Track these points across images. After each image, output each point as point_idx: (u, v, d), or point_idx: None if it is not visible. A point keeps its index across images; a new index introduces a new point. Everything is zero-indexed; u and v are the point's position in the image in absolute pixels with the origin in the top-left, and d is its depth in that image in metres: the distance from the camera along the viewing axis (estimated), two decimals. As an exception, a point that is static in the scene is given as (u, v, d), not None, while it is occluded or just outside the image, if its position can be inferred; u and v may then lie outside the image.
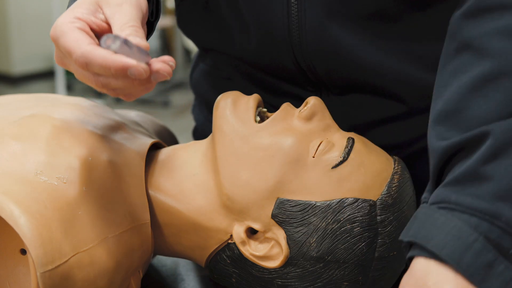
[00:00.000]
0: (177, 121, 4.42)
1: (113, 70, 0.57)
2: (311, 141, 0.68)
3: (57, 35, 0.60)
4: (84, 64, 0.58)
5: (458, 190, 0.54)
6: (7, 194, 0.61)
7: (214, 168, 0.69)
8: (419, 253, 0.55)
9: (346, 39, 0.75)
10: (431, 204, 0.56)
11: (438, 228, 0.53)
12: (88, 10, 0.62)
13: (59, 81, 4.35)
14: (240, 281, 0.70)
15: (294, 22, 0.75)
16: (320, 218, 0.65)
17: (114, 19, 0.61)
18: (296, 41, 0.76)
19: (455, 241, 0.52)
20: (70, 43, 0.59)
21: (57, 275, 0.60)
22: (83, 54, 0.57)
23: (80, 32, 0.59)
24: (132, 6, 0.62)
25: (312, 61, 0.77)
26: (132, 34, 0.59)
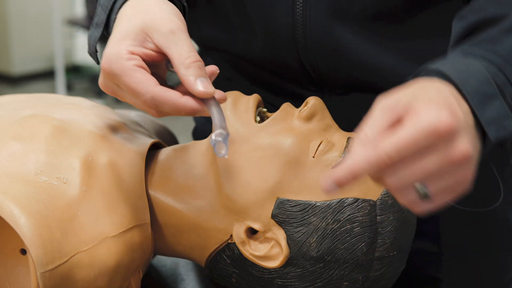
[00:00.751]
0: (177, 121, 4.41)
1: (183, 113, 0.60)
2: (311, 141, 0.68)
3: (114, 72, 0.60)
4: (153, 105, 0.60)
5: (476, 44, 0.60)
6: (7, 194, 0.61)
7: (214, 168, 0.69)
8: (425, 74, 0.58)
9: (349, 39, 0.75)
10: (452, 53, 0.61)
11: (450, 59, 0.58)
12: (136, 42, 0.62)
13: (59, 81, 4.35)
14: (240, 281, 0.70)
15: (298, 20, 0.75)
16: (320, 218, 0.65)
17: (172, 52, 0.61)
18: (300, 39, 0.76)
19: (464, 69, 0.56)
20: (136, 84, 0.60)
21: (57, 275, 0.60)
22: (153, 97, 0.60)
23: (142, 72, 0.60)
24: (184, 32, 0.62)
25: (316, 60, 0.77)
26: (200, 75, 0.60)
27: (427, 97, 0.52)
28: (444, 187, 0.51)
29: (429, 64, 0.58)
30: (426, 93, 0.53)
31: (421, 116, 0.49)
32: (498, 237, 0.90)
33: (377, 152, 0.49)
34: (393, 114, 0.51)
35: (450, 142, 0.50)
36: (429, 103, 0.51)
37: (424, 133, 0.49)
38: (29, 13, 5.60)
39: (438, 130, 0.49)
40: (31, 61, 5.70)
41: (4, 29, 5.54)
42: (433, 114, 0.49)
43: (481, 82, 0.55)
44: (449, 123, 0.49)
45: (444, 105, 0.51)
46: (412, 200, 0.52)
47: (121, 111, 0.88)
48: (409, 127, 0.49)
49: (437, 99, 0.52)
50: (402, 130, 0.49)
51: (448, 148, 0.50)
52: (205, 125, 0.98)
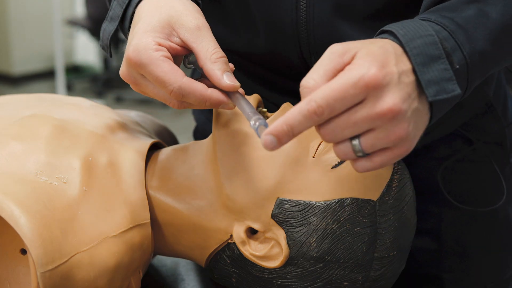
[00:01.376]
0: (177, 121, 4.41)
1: (208, 104, 0.63)
2: (310, 141, 0.68)
3: (143, 62, 0.62)
4: (180, 96, 0.62)
5: (435, 11, 0.62)
6: (7, 194, 0.61)
7: (214, 168, 0.69)
8: (379, 36, 0.60)
9: (353, 36, 0.75)
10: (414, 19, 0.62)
11: (405, 23, 0.59)
12: (163, 35, 0.64)
13: (59, 81, 4.35)
14: (240, 281, 0.70)
15: (302, 17, 0.75)
16: (320, 218, 0.65)
17: (199, 47, 0.64)
18: (303, 36, 0.76)
19: (413, 31, 0.58)
20: (164, 74, 0.62)
21: (57, 275, 0.60)
22: (181, 87, 0.62)
23: (170, 63, 0.63)
24: (209, 29, 0.65)
25: (318, 56, 0.77)
26: (226, 70, 0.63)
27: (369, 52, 0.54)
28: (377, 143, 0.53)
29: (386, 26, 0.61)
30: (370, 47, 0.55)
31: (353, 68, 0.52)
32: (499, 235, 0.90)
33: (308, 101, 0.52)
34: (340, 60, 0.54)
35: (378, 96, 0.52)
36: (365, 57, 0.53)
37: (352, 84, 0.52)
38: (29, 13, 5.60)
39: (366, 83, 0.52)
40: (31, 61, 5.71)
41: (4, 29, 5.54)
42: (364, 67, 0.52)
43: (427, 44, 0.57)
44: (376, 77, 0.52)
45: (378, 60, 0.53)
46: (348, 154, 0.55)
47: (121, 111, 0.88)
48: (339, 78, 0.52)
49: (376, 54, 0.54)
50: (333, 81, 0.52)
51: (376, 102, 0.52)
52: (206, 125, 0.98)
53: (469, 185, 0.87)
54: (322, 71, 0.54)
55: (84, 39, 5.87)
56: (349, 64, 0.54)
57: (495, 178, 0.87)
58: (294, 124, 0.53)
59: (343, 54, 0.55)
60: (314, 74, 0.54)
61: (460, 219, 0.87)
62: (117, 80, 5.57)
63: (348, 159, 0.55)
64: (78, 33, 5.71)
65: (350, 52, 0.55)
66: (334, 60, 0.55)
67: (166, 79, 0.62)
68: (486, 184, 0.87)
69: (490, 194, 0.87)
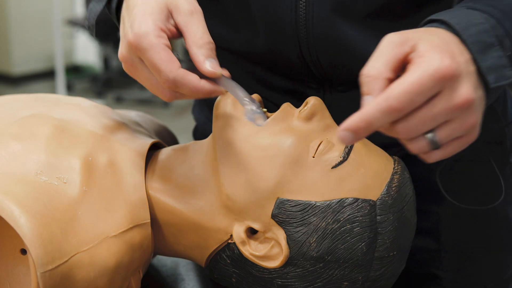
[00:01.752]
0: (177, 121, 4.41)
1: (200, 95, 0.63)
2: (311, 141, 0.68)
3: (143, 46, 0.62)
4: (173, 86, 0.62)
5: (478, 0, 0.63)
6: (7, 194, 0.61)
7: (214, 168, 0.69)
8: (430, 25, 0.61)
9: (352, 35, 0.75)
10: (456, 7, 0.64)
11: (454, 11, 0.61)
12: (162, 17, 0.65)
13: (59, 81, 4.35)
14: (240, 281, 0.70)
15: (301, 16, 0.75)
16: (320, 218, 0.65)
17: (188, 31, 0.65)
18: (302, 35, 0.76)
19: (466, 19, 0.59)
20: (162, 62, 0.62)
21: (57, 275, 0.60)
22: (175, 78, 0.62)
23: (169, 52, 0.63)
24: (201, 15, 0.66)
25: (318, 56, 0.78)
26: (210, 56, 0.64)
27: (431, 43, 0.54)
28: (452, 134, 0.54)
29: (433, 15, 0.61)
30: (430, 38, 0.55)
31: (425, 61, 0.52)
32: (498, 235, 0.90)
33: (386, 98, 0.51)
34: (400, 50, 0.55)
35: (454, 87, 0.52)
36: (433, 49, 0.53)
37: (429, 77, 0.51)
38: (29, 13, 5.60)
39: (442, 74, 0.52)
40: (31, 61, 5.71)
41: (4, 29, 5.54)
42: (436, 58, 0.52)
43: (481, 32, 0.58)
44: (452, 68, 0.52)
45: (446, 52, 0.53)
46: (423, 149, 0.54)
47: (121, 111, 0.88)
48: (415, 72, 0.52)
49: (440, 45, 0.54)
50: (408, 75, 0.52)
51: (452, 93, 0.52)
52: (205, 125, 0.98)
53: (468, 184, 0.87)
54: (383, 60, 0.54)
55: (84, 39, 5.87)
56: (409, 54, 0.54)
57: (494, 177, 0.87)
58: (373, 121, 0.52)
59: (402, 43, 0.55)
60: (376, 63, 0.54)
61: (460, 219, 0.87)
62: (117, 80, 5.57)
63: (422, 153, 0.55)
64: (78, 33, 5.71)
65: (409, 42, 0.55)
66: (394, 49, 0.55)
67: (162, 67, 0.62)
68: (486, 184, 0.87)
69: (490, 194, 0.87)
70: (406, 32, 0.57)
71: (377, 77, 0.53)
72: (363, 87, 0.54)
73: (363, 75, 0.54)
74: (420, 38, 0.55)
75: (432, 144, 0.54)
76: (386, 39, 0.56)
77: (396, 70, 0.55)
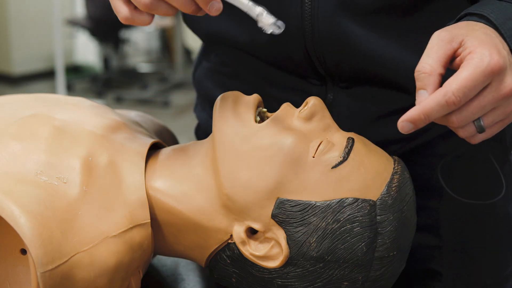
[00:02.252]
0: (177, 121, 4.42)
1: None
2: (311, 141, 0.68)
3: None
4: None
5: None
6: (7, 194, 0.61)
7: (214, 168, 0.69)
8: (468, 18, 0.65)
9: (357, 31, 0.76)
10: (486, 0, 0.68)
11: (490, 5, 0.65)
12: None
13: (59, 81, 4.35)
14: (240, 281, 0.70)
15: (307, 11, 0.76)
16: (320, 218, 0.65)
17: None
18: (308, 31, 0.77)
19: (503, 13, 0.64)
20: None
21: (57, 275, 0.60)
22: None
23: None
24: None
25: (323, 52, 0.78)
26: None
27: (478, 38, 0.60)
28: (497, 119, 0.61)
29: (470, 9, 0.66)
30: (475, 34, 0.61)
31: (476, 57, 0.58)
32: (499, 232, 0.90)
33: (445, 93, 0.58)
34: (450, 46, 0.61)
35: (501, 79, 0.59)
36: (481, 45, 0.59)
37: (482, 73, 0.58)
38: (29, 13, 5.60)
39: (493, 69, 0.58)
40: (31, 61, 5.71)
41: (4, 29, 5.54)
42: (486, 55, 0.58)
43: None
44: (501, 63, 0.58)
45: (493, 47, 0.59)
46: (471, 133, 0.61)
47: (121, 111, 0.88)
48: (468, 68, 0.58)
49: (487, 41, 0.60)
50: (463, 71, 0.58)
51: (500, 85, 0.59)
52: (208, 123, 0.98)
53: (468, 181, 0.87)
54: (435, 57, 0.60)
55: (84, 39, 5.88)
56: (458, 49, 0.61)
57: (494, 174, 0.87)
58: (431, 113, 0.59)
59: (451, 40, 0.61)
60: (429, 60, 0.60)
61: (461, 216, 0.87)
62: (117, 80, 5.58)
63: (468, 138, 0.62)
64: (78, 33, 5.71)
65: (457, 38, 0.61)
66: (444, 46, 0.61)
67: None
68: (486, 181, 0.88)
69: (490, 190, 0.87)
70: (452, 28, 0.63)
71: (431, 73, 0.60)
72: (418, 82, 0.60)
73: (418, 71, 0.60)
74: (466, 34, 0.61)
75: (479, 129, 0.61)
76: (435, 36, 0.62)
77: (447, 65, 0.61)
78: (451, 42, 0.61)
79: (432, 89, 0.60)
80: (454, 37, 0.61)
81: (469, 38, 0.61)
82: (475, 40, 0.60)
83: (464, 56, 0.60)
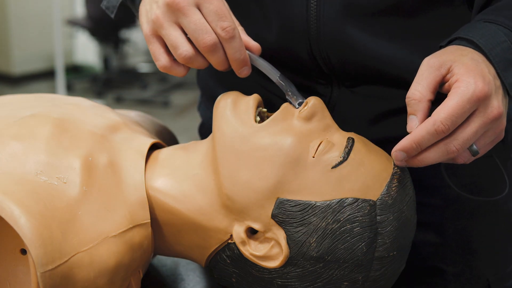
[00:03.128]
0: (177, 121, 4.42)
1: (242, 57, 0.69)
2: (311, 141, 0.68)
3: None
4: (231, 34, 0.67)
5: (495, 11, 0.70)
6: (7, 194, 0.61)
7: (214, 168, 0.69)
8: (458, 42, 0.68)
9: (361, 33, 0.76)
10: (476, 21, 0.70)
11: (479, 30, 0.68)
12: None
13: (59, 81, 4.35)
14: (240, 281, 0.70)
15: (312, 13, 0.76)
16: (320, 218, 0.65)
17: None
18: (313, 32, 0.77)
19: (491, 39, 0.67)
20: (226, 8, 0.68)
21: (57, 275, 0.60)
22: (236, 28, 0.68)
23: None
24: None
25: (327, 52, 0.78)
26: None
27: (465, 65, 0.64)
28: (487, 140, 0.65)
29: (459, 33, 0.69)
30: (463, 60, 0.65)
31: (462, 86, 0.62)
32: (502, 230, 0.90)
33: (433, 122, 0.61)
34: (438, 73, 0.64)
35: (487, 104, 0.62)
36: (467, 73, 0.63)
37: (468, 101, 0.61)
38: (29, 13, 5.60)
39: (478, 97, 0.61)
40: (31, 61, 5.71)
41: (4, 29, 5.54)
42: (471, 83, 0.62)
43: (504, 50, 0.66)
44: (485, 90, 0.62)
45: (479, 74, 0.63)
46: (467, 159, 0.65)
47: (121, 111, 0.88)
48: (455, 97, 0.62)
49: (473, 68, 0.63)
50: (450, 100, 0.62)
51: (486, 110, 0.63)
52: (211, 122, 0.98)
53: (472, 179, 0.87)
54: (425, 83, 0.64)
55: (84, 39, 5.87)
56: (446, 75, 0.65)
57: (497, 172, 0.87)
58: (422, 141, 0.62)
59: (440, 66, 0.65)
60: (419, 87, 0.64)
61: (464, 213, 0.87)
62: (117, 80, 5.58)
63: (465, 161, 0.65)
64: (78, 33, 5.71)
65: (445, 65, 0.65)
66: (433, 73, 0.64)
67: (226, 13, 0.67)
68: (489, 178, 0.88)
69: (493, 188, 0.87)
70: (441, 53, 0.66)
71: (421, 100, 0.64)
72: (408, 107, 0.64)
73: (408, 97, 0.64)
74: (454, 60, 0.65)
75: (473, 152, 0.64)
76: (424, 63, 0.65)
77: (436, 90, 0.65)
78: (440, 69, 0.64)
79: (422, 115, 0.64)
80: (443, 64, 0.65)
81: (456, 64, 0.64)
82: (462, 67, 0.64)
83: (452, 83, 0.63)
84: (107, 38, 5.39)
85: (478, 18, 0.71)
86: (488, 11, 0.71)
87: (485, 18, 0.70)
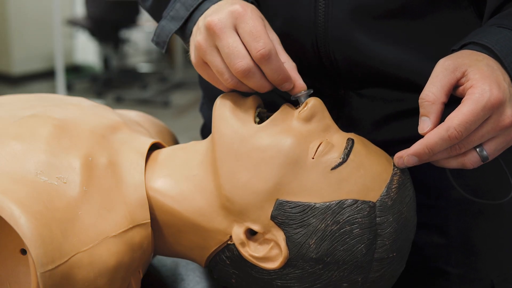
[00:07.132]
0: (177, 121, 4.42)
1: (281, 76, 0.67)
2: (310, 142, 0.68)
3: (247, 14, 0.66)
4: (266, 56, 0.65)
5: (510, 17, 0.70)
6: (8, 194, 0.61)
7: (213, 169, 0.69)
8: (472, 47, 0.68)
9: (369, 36, 0.76)
10: (490, 25, 0.70)
11: (493, 35, 0.68)
12: None
13: (59, 81, 4.35)
14: (240, 281, 0.70)
15: (320, 14, 0.76)
16: (320, 220, 0.65)
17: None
18: (321, 34, 0.77)
19: (505, 44, 0.66)
20: (262, 28, 0.66)
21: (57, 275, 0.60)
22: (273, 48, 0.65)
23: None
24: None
25: (334, 55, 0.78)
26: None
27: (480, 71, 0.64)
28: (498, 147, 0.65)
29: (473, 37, 0.69)
30: (478, 65, 0.64)
31: (477, 92, 0.62)
32: (506, 231, 0.90)
33: (447, 128, 0.62)
34: (453, 76, 0.64)
35: (500, 112, 0.62)
36: (482, 79, 0.63)
37: (482, 108, 0.61)
38: (29, 13, 5.60)
39: (493, 104, 0.61)
40: (31, 61, 5.71)
41: (4, 29, 5.54)
42: (486, 90, 0.62)
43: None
44: (500, 97, 0.62)
45: (494, 81, 0.63)
46: (477, 164, 0.65)
47: (121, 111, 0.88)
48: (470, 104, 0.61)
49: (489, 74, 0.63)
50: (464, 107, 0.62)
51: (499, 117, 0.63)
52: None
53: (476, 181, 0.87)
54: (439, 86, 0.64)
55: (84, 39, 5.87)
56: (461, 79, 0.64)
57: (503, 175, 0.87)
58: (435, 147, 0.63)
59: (454, 70, 0.64)
60: (433, 88, 0.64)
61: (468, 215, 0.87)
62: (117, 80, 5.57)
63: (473, 165, 0.65)
64: (78, 33, 5.71)
65: (460, 68, 0.64)
66: (448, 75, 0.64)
67: (262, 32, 0.65)
68: (494, 180, 0.88)
69: (498, 191, 0.87)
70: (456, 57, 0.66)
71: (434, 102, 0.63)
72: (421, 109, 0.64)
73: (422, 99, 0.64)
74: (470, 65, 0.64)
75: (483, 158, 0.65)
76: (439, 64, 0.65)
77: (449, 93, 0.64)
78: (455, 72, 0.64)
79: (435, 117, 0.63)
80: (458, 67, 0.64)
81: (472, 69, 0.64)
82: (477, 72, 0.63)
83: (466, 88, 0.63)
84: (107, 38, 5.39)
85: (492, 23, 0.71)
86: (501, 16, 0.71)
87: (499, 23, 0.69)
